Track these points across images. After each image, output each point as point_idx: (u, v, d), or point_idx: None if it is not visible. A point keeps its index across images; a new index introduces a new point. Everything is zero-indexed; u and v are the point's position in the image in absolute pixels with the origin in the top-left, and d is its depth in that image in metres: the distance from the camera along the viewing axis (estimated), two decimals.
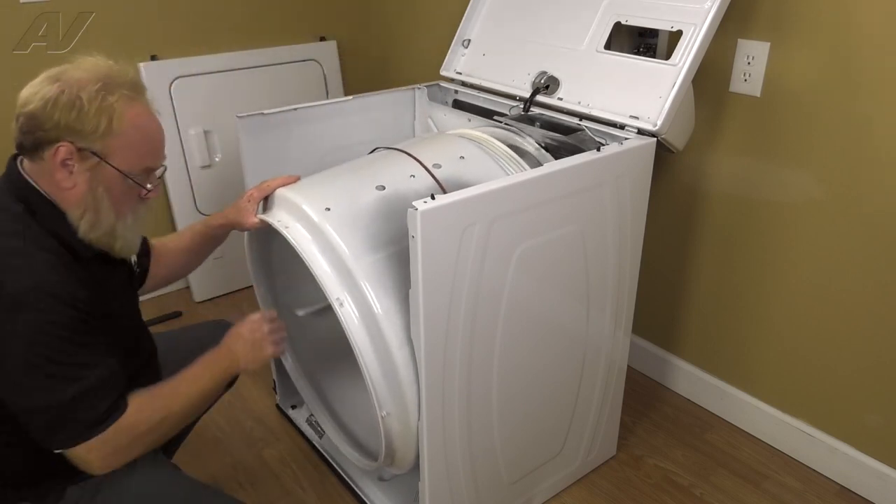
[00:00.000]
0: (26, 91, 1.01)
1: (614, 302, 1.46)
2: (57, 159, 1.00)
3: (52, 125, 0.98)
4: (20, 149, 1.03)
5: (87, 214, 1.04)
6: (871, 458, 1.56)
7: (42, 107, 0.98)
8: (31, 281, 0.95)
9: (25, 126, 1.00)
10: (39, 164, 1.02)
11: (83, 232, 1.04)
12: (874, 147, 1.39)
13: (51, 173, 1.01)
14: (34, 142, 1.00)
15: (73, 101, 0.98)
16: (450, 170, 1.36)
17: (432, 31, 2.41)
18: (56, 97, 0.98)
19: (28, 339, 0.94)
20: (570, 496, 1.61)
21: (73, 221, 1.04)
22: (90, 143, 1.01)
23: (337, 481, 1.65)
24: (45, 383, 0.95)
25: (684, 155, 1.73)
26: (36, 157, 1.02)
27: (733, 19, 1.51)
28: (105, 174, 1.03)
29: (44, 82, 1.01)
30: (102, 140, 1.01)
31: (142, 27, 2.18)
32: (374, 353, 1.19)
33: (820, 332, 1.59)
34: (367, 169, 1.37)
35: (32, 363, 0.94)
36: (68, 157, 1.00)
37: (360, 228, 1.22)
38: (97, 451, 0.99)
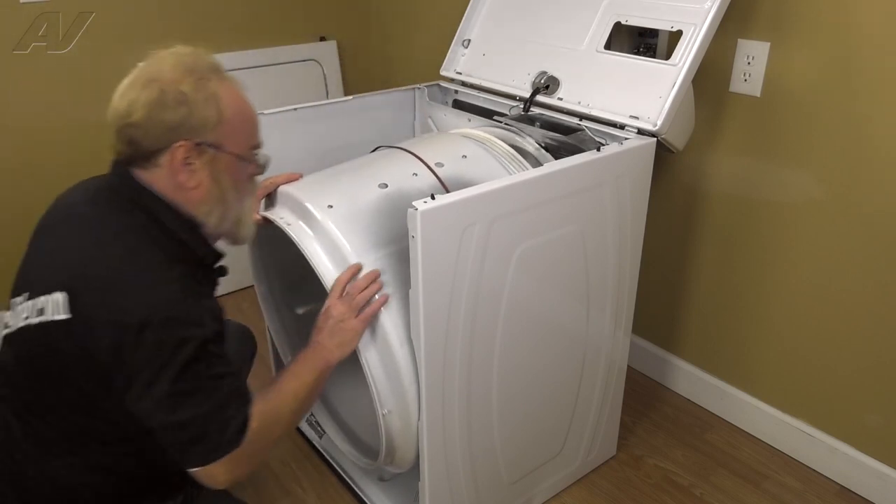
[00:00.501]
0: (121, 102, 0.97)
1: (614, 302, 1.46)
2: (176, 161, 0.98)
3: (165, 128, 0.96)
4: (129, 161, 1.00)
5: (216, 209, 1.03)
6: (871, 458, 1.56)
7: (149, 113, 0.95)
8: (181, 296, 0.93)
9: (135, 136, 0.97)
10: (153, 171, 0.99)
11: (213, 226, 1.04)
12: (874, 147, 1.39)
13: (169, 177, 0.99)
14: (147, 150, 0.97)
15: (177, 98, 0.96)
16: (452, 169, 1.36)
17: (432, 31, 2.41)
18: (160, 99, 0.95)
19: (178, 356, 0.91)
20: (570, 496, 1.61)
21: (201, 219, 1.03)
22: (204, 135, 0.98)
23: (337, 481, 1.65)
24: (182, 402, 0.93)
25: (684, 155, 1.73)
26: (149, 165, 0.99)
27: (733, 19, 1.51)
28: (223, 163, 1.02)
29: (137, 88, 0.97)
30: (215, 130, 0.99)
31: (142, 27, 2.18)
32: (376, 351, 1.20)
33: (820, 332, 1.58)
34: (370, 167, 1.37)
35: (178, 380, 0.92)
36: (187, 156, 0.98)
37: (363, 226, 1.22)
38: (227, 465, 0.97)
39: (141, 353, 0.91)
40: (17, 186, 2.11)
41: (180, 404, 0.93)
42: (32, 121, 2.07)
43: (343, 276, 1.17)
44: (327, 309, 1.17)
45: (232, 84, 1.03)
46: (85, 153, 2.16)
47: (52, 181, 2.15)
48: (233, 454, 0.97)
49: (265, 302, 1.59)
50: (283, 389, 1.09)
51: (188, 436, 0.94)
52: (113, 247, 0.96)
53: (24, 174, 2.11)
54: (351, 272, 1.17)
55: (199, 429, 0.94)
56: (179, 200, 1.01)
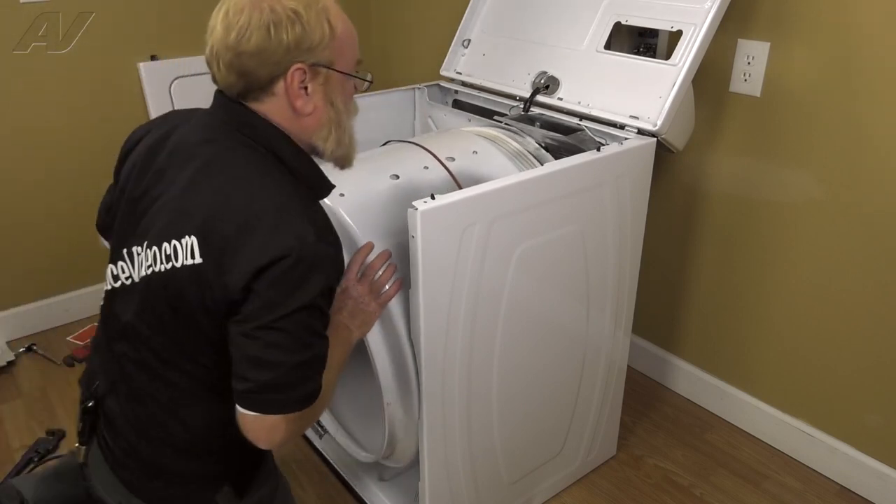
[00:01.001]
0: (228, 32, 0.90)
1: (614, 302, 1.46)
2: (294, 85, 0.92)
3: (284, 50, 0.90)
4: (242, 95, 0.94)
5: (333, 132, 0.99)
6: (871, 458, 1.56)
7: (266, 35, 0.89)
8: (313, 238, 0.89)
9: (249, 65, 0.90)
10: (268, 101, 0.94)
11: (330, 152, 1.00)
12: (874, 147, 1.39)
13: (286, 105, 0.94)
14: (263, 79, 0.92)
15: (291, 16, 0.90)
16: (463, 163, 1.36)
17: (432, 31, 2.41)
18: (274, 20, 0.89)
19: (293, 298, 0.87)
20: (570, 496, 1.61)
21: (319, 146, 0.99)
22: (318, 55, 0.93)
23: (337, 481, 1.65)
24: (288, 341, 0.89)
25: (684, 155, 1.73)
26: (264, 95, 0.94)
27: (733, 19, 1.51)
28: (334, 82, 0.97)
29: (245, 13, 0.89)
30: (328, 48, 0.94)
31: (142, 27, 2.18)
32: (384, 341, 1.20)
33: (820, 332, 1.59)
34: (381, 159, 1.38)
35: (282, 320, 0.88)
36: (303, 79, 0.93)
37: (374, 215, 1.23)
38: (290, 423, 0.93)
39: (263, 284, 0.87)
40: (18, 186, 2.11)
41: (275, 344, 0.88)
42: (32, 121, 2.07)
43: (358, 255, 1.16)
44: (345, 289, 1.15)
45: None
46: (85, 153, 2.17)
47: (53, 181, 2.16)
48: (296, 415, 0.93)
49: None
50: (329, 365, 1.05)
51: (268, 377, 0.89)
52: (241, 188, 0.91)
53: (25, 174, 2.11)
54: (365, 251, 1.17)
55: (281, 376, 0.90)
56: (296, 129, 0.97)
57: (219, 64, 0.92)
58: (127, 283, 0.99)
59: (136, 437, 1.02)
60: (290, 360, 0.90)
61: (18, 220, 2.14)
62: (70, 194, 2.18)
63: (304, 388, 0.93)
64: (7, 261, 2.17)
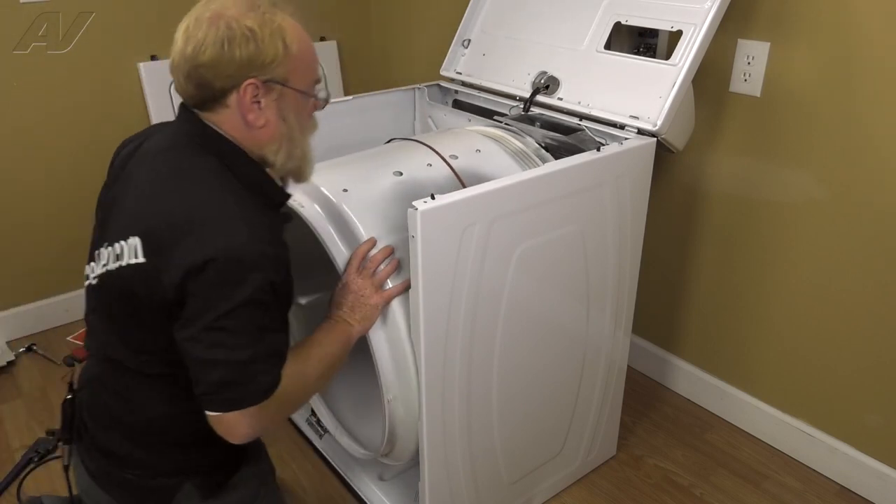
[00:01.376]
0: (188, 44, 0.95)
1: (614, 302, 1.46)
2: (246, 99, 0.97)
3: (236, 65, 0.94)
4: (199, 105, 0.99)
5: (284, 146, 1.02)
6: (871, 458, 1.56)
7: (220, 50, 0.93)
8: (247, 239, 0.93)
9: (205, 76, 0.95)
10: (222, 113, 0.99)
11: (280, 164, 1.03)
12: (874, 147, 1.39)
13: (238, 117, 0.98)
14: (217, 90, 0.96)
15: (245, 33, 0.94)
16: (466, 162, 1.37)
17: (432, 31, 2.41)
18: (229, 36, 0.93)
19: (232, 296, 0.91)
20: (570, 496, 1.61)
21: (270, 158, 1.02)
22: (272, 72, 0.98)
23: (337, 481, 1.65)
24: (231, 339, 0.92)
25: (684, 155, 1.73)
26: (218, 106, 0.98)
27: (733, 19, 1.51)
28: (288, 99, 1.01)
29: (203, 27, 0.94)
30: (282, 65, 0.98)
31: (142, 27, 2.18)
32: (385, 337, 1.20)
33: (820, 332, 1.59)
34: (384, 156, 1.38)
35: (224, 318, 0.91)
36: (256, 94, 0.97)
37: (377, 211, 1.23)
38: (249, 418, 0.95)
39: (199, 286, 0.91)
40: (18, 186, 2.11)
41: (219, 343, 0.92)
42: (32, 120, 2.07)
43: (360, 249, 1.17)
44: (346, 284, 1.17)
45: (290, 16, 1.02)
46: (85, 153, 2.17)
47: (53, 181, 2.16)
48: (256, 409, 0.95)
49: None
50: (310, 355, 1.08)
51: (217, 377, 0.93)
52: (185, 191, 0.96)
53: (25, 174, 2.11)
54: (367, 246, 1.18)
55: (229, 373, 0.93)
56: (248, 141, 1.01)
57: (178, 75, 0.97)
58: (93, 283, 1.04)
59: (98, 428, 1.07)
60: (237, 358, 0.93)
61: (18, 220, 2.14)
62: (70, 194, 2.18)
63: (257, 383, 0.95)
64: (7, 261, 2.17)
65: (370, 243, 1.18)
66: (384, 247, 1.19)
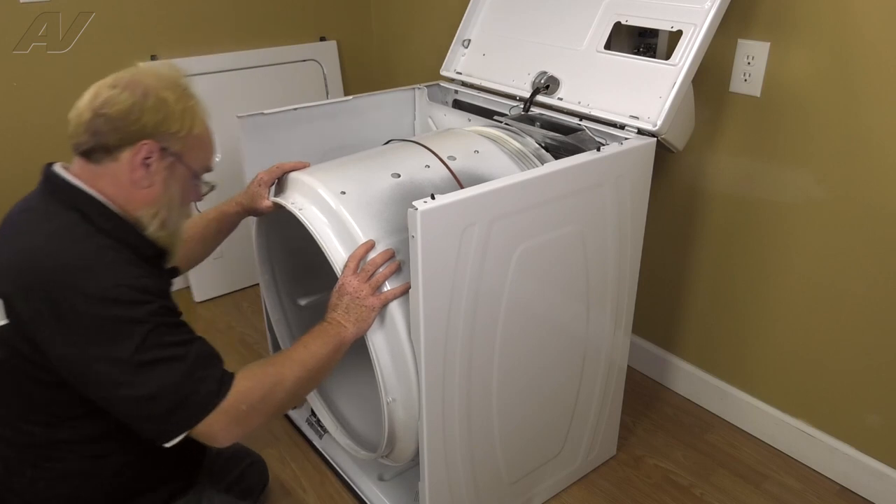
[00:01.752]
0: (97, 96, 1.01)
1: (614, 302, 1.46)
2: (138, 158, 1.01)
3: (139, 126, 1.00)
4: (87, 151, 1.03)
5: (160, 212, 1.06)
6: (871, 458, 1.56)
7: (129, 109, 0.99)
8: (112, 279, 0.95)
9: (104, 127, 1.00)
10: (105, 165, 1.02)
11: (153, 230, 1.06)
12: (874, 147, 1.39)
13: (124, 172, 1.02)
14: (110, 144, 1.01)
15: (159, 103, 1.01)
16: (464, 163, 1.37)
17: (432, 31, 2.41)
18: (142, 101, 1.00)
19: (124, 334, 0.93)
20: (570, 496, 1.61)
21: (143, 220, 1.05)
22: (172, 142, 1.03)
23: (337, 481, 1.65)
24: (151, 373, 0.94)
25: (684, 155, 1.73)
26: (106, 158, 1.02)
27: (733, 19, 1.51)
28: (179, 173, 1.07)
29: (119, 87, 1.01)
30: (183, 141, 1.05)
31: (142, 27, 2.18)
32: (384, 339, 1.20)
33: (820, 332, 1.59)
34: (382, 157, 1.38)
35: (135, 355, 0.94)
36: (149, 156, 1.02)
37: (375, 213, 1.23)
38: (219, 422, 0.98)
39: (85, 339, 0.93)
40: (18, 186, 2.11)
41: (146, 377, 0.94)
42: (32, 120, 2.07)
43: (357, 251, 1.18)
44: (341, 286, 1.17)
45: (202, 107, 1.10)
46: None
47: None
48: (224, 410, 0.98)
49: (268, 290, 1.59)
50: (290, 356, 1.10)
51: (165, 406, 0.95)
52: (43, 248, 0.97)
53: (24, 174, 2.11)
54: (365, 248, 1.18)
55: (173, 396, 0.95)
56: (125, 199, 1.04)
57: (77, 121, 1.02)
58: None
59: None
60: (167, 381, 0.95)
61: None
62: None
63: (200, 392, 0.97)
64: None
65: (368, 245, 1.18)
66: (384, 250, 1.19)
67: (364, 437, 1.49)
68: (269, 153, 1.54)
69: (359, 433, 1.51)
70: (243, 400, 1.00)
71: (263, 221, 1.50)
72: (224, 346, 2.18)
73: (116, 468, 1.08)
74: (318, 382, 1.16)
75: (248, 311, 2.37)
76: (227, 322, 2.31)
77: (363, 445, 1.45)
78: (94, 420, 1.02)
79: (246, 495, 1.48)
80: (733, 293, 1.73)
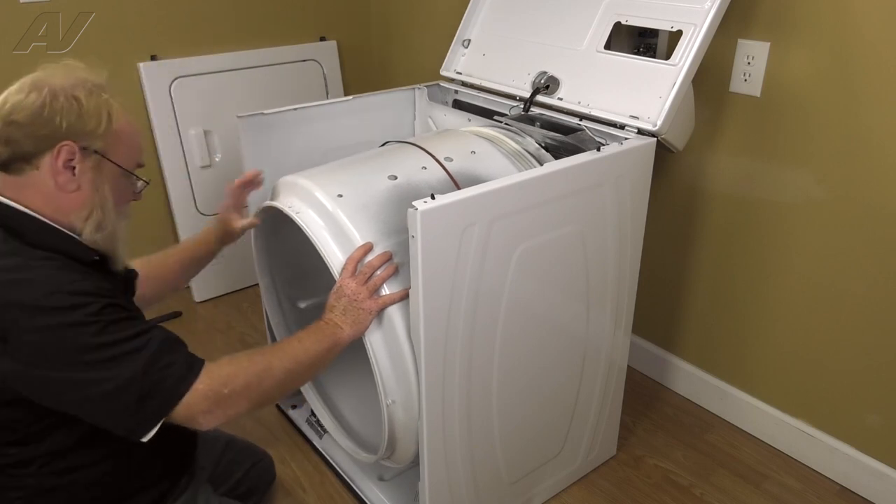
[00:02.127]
0: (5, 104, 0.96)
1: (614, 302, 1.46)
2: (59, 162, 0.97)
3: (52, 129, 0.96)
4: (4, 164, 0.98)
5: (94, 214, 1.01)
6: (871, 458, 1.56)
7: (38, 112, 0.95)
8: (47, 286, 0.92)
9: (15, 136, 0.95)
10: (27, 175, 0.98)
11: (88, 234, 1.01)
12: (874, 147, 1.39)
13: (48, 179, 0.98)
14: (27, 152, 0.96)
15: (70, 102, 0.97)
16: (461, 164, 1.37)
17: (432, 31, 2.41)
18: (50, 101, 0.96)
19: (72, 338, 0.91)
20: (570, 496, 1.61)
21: (76, 225, 1.01)
22: (92, 141, 0.99)
23: (337, 481, 1.65)
24: (113, 368, 0.92)
25: (684, 155, 1.73)
26: (25, 166, 0.97)
27: (733, 19, 1.51)
28: (106, 172, 1.02)
29: (24, 92, 0.96)
30: (104, 138, 1.00)
31: (142, 27, 2.18)
32: (383, 341, 1.20)
33: (820, 332, 1.58)
34: (379, 160, 1.38)
35: (91, 356, 0.91)
36: (71, 158, 0.98)
37: (372, 215, 1.23)
38: (199, 404, 0.96)
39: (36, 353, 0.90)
40: None
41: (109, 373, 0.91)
42: None
43: (355, 253, 1.17)
44: (339, 287, 1.16)
45: (117, 101, 1.04)
46: None
47: None
48: (202, 392, 0.96)
49: (267, 293, 1.59)
50: (283, 348, 1.10)
51: (133, 398, 0.92)
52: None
53: None
54: (363, 250, 1.17)
55: (140, 385, 0.93)
56: (54, 207, 1.00)
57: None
58: None
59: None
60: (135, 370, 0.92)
61: None
62: None
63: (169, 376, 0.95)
64: None
65: (366, 248, 1.18)
66: (382, 252, 1.19)
67: (364, 438, 1.49)
68: (268, 153, 1.54)
69: (359, 434, 1.51)
70: (225, 383, 0.99)
71: (262, 227, 1.50)
72: (224, 346, 2.18)
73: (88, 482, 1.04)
74: (307, 379, 1.15)
75: (248, 311, 2.37)
76: (227, 322, 2.31)
77: (364, 447, 1.45)
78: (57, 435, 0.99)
79: (249, 496, 1.48)
80: (733, 293, 1.73)
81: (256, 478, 1.51)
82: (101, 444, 1.02)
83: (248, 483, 1.48)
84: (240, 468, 1.46)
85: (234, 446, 1.48)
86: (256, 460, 1.52)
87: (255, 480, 1.51)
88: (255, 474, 1.50)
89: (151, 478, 1.12)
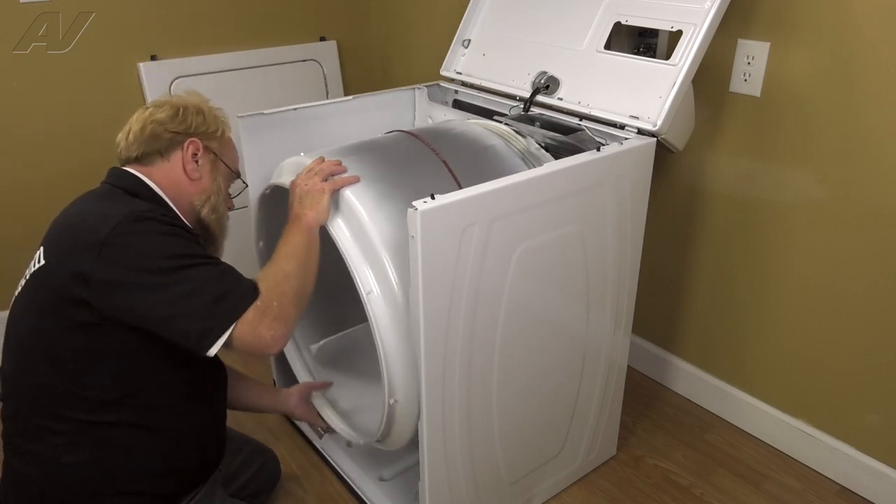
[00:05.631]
0: (146, 111, 1.20)
1: (614, 302, 1.46)
2: (188, 153, 1.20)
3: (184, 128, 1.20)
4: (139, 157, 1.19)
5: (211, 198, 1.23)
6: (871, 458, 1.56)
7: (174, 114, 1.20)
8: (146, 206, 1.10)
9: (158, 129, 1.18)
10: (158, 165, 1.20)
11: (206, 213, 1.23)
12: (874, 147, 1.39)
13: (176, 168, 1.20)
14: (164, 144, 1.19)
15: (198, 109, 1.23)
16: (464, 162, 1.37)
17: (432, 31, 2.41)
18: (183, 108, 1.21)
19: (160, 243, 1.04)
20: (570, 496, 1.61)
21: (197, 205, 1.22)
22: (211, 142, 1.24)
23: (337, 481, 1.65)
24: (193, 272, 1.03)
25: (684, 155, 1.73)
26: (158, 159, 1.19)
27: (733, 19, 1.51)
28: (220, 168, 1.26)
29: (159, 105, 1.21)
30: (218, 141, 1.25)
31: (142, 27, 2.18)
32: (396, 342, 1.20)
33: (820, 332, 1.59)
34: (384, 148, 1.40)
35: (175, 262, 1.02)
36: (196, 152, 1.21)
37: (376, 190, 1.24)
38: (262, 322, 1.04)
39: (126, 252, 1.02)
40: (17, 187, 2.11)
41: (184, 276, 1.02)
42: (32, 121, 2.07)
43: (311, 164, 1.29)
44: (293, 185, 1.26)
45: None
46: (84, 153, 2.17)
47: (52, 182, 2.16)
48: (260, 309, 1.04)
49: (261, 258, 1.57)
50: (278, 255, 1.17)
51: (206, 300, 1.01)
52: (89, 211, 1.10)
53: (24, 175, 2.11)
54: (317, 161, 1.29)
55: (213, 289, 1.02)
56: (179, 190, 1.20)
57: (128, 135, 1.19)
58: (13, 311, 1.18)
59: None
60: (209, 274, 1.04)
61: (18, 220, 2.14)
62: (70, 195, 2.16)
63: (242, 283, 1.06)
64: (6, 262, 2.16)
65: (319, 160, 1.29)
66: (334, 160, 1.28)
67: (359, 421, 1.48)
68: (268, 153, 1.54)
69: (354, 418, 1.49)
70: (271, 297, 1.07)
71: (262, 224, 1.50)
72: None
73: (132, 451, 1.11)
74: (314, 271, 1.20)
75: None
76: None
77: (359, 430, 1.44)
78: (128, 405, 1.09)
79: (257, 496, 1.51)
80: (733, 293, 1.73)
81: (264, 478, 1.54)
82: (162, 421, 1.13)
83: (257, 483, 1.50)
84: (249, 468, 1.49)
85: (245, 447, 1.51)
86: (264, 460, 1.54)
87: (263, 481, 1.53)
88: (262, 475, 1.53)
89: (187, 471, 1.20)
